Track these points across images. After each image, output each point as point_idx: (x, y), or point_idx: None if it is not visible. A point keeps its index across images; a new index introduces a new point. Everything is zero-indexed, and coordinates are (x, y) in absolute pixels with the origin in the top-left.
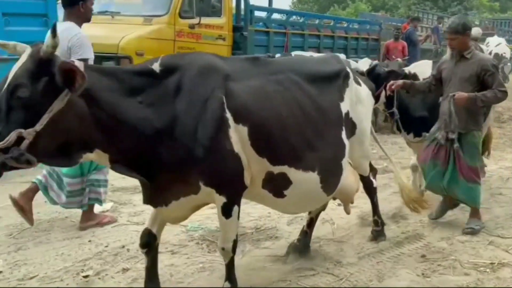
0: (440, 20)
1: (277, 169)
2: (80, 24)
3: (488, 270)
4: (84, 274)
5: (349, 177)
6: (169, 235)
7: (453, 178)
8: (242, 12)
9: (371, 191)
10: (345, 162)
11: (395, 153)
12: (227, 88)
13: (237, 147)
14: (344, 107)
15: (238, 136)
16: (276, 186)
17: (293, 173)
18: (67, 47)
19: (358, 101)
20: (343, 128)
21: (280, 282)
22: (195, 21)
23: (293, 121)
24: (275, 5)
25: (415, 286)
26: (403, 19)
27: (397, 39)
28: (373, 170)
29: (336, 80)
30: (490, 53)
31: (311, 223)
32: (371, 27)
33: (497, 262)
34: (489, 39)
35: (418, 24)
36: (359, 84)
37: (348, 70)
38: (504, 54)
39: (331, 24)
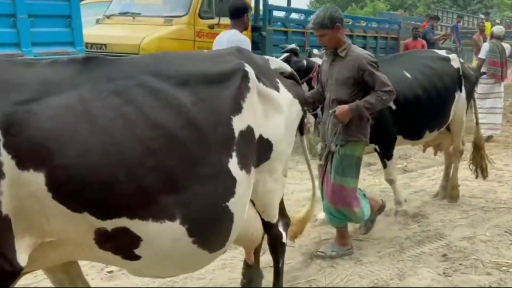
0: (460, 18)
1: (110, 224)
2: (241, 31)
3: (510, 269)
4: (108, 269)
5: (252, 222)
6: None
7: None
8: (261, 12)
9: (276, 248)
10: (238, 202)
11: (414, 153)
12: (10, 116)
13: (7, 208)
14: (241, 121)
15: (20, 190)
16: (120, 246)
17: (140, 226)
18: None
19: (272, 112)
20: (234, 152)
21: (301, 279)
22: (214, 21)
23: (136, 149)
24: (294, 4)
25: (436, 285)
26: (422, 18)
27: (416, 38)
28: (286, 218)
29: (228, 83)
30: None
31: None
32: (390, 26)
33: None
34: None
35: (437, 23)
36: (274, 88)
37: (248, 69)
38: None
39: (350, 23)
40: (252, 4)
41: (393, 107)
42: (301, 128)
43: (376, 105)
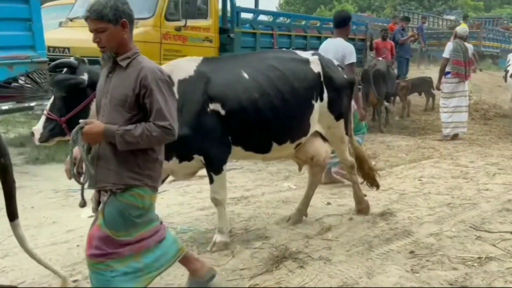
0: (424, 19)
1: None
2: (345, 39)
3: (475, 264)
4: (73, 279)
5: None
6: None
7: None
8: (229, 14)
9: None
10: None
11: (382, 152)
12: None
13: None
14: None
15: None
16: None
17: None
18: (341, 55)
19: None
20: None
21: (271, 281)
22: (181, 23)
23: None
24: (262, 6)
25: (404, 282)
26: (389, 19)
27: (385, 39)
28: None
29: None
30: None
31: None
32: (357, 28)
33: (485, 256)
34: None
35: (407, 24)
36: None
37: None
38: None
39: (318, 25)
40: (220, 6)
41: (221, 112)
42: None
43: (140, 141)
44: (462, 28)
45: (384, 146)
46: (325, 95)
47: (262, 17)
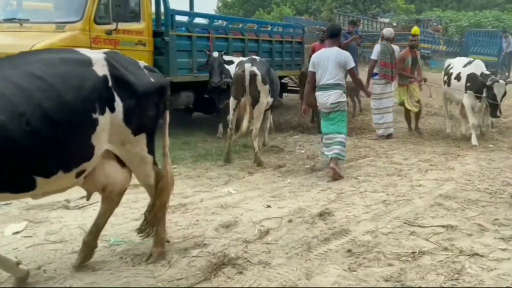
0: (358, 22)
1: None
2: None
3: (409, 259)
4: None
5: None
6: None
7: None
8: (162, 17)
9: None
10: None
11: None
12: None
13: None
14: None
15: None
16: None
17: None
18: (343, 62)
19: None
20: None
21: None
22: (112, 26)
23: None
24: (199, 9)
25: (342, 281)
26: (326, 22)
27: (323, 41)
28: None
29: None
30: (459, 77)
31: None
32: (295, 31)
33: (418, 251)
34: (450, 60)
35: (354, 28)
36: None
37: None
38: (485, 73)
39: (255, 28)
40: (153, 9)
41: None
42: None
43: None
44: (388, 29)
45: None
46: (118, 104)
47: (198, 20)
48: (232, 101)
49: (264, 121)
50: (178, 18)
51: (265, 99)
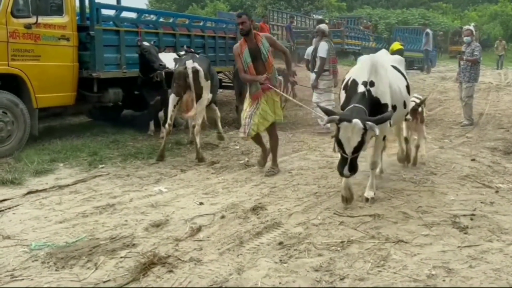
0: (292, 19)
1: None
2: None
3: (339, 248)
4: None
5: None
6: (9, 257)
7: None
8: (87, 10)
9: None
10: None
11: (255, 148)
12: None
13: None
14: None
15: None
16: None
17: None
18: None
19: None
20: None
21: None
22: (31, 20)
23: None
24: (130, 3)
25: (273, 274)
26: (259, 18)
27: None
28: None
29: None
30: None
31: None
32: (228, 26)
33: (347, 240)
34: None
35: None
36: None
37: None
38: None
39: (187, 22)
40: (77, 2)
41: None
42: None
43: None
44: (326, 26)
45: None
46: None
47: (127, 14)
48: (173, 98)
49: (215, 114)
50: (105, 12)
51: (207, 95)
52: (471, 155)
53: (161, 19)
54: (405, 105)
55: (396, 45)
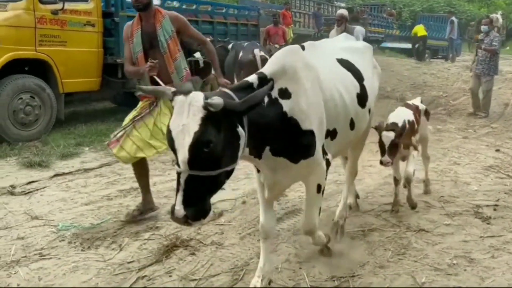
0: (318, 6)
1: None
2: None
3: (359, 235)
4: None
5: None
6: (37, 237)
7: None
8: None
9: None
10: None
11: None
12: None
13: None
14: None
15: None
16: None
17: None
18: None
19: None
20: None
21: (160, 272)
22: (58, 6)
23: None
24: None
25: (292, 259)
26: (281, 5)
27: (277, 24)
28: None
29: None
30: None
31: None
32: (250, 13)
33: (367, 228)
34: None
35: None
36: None
37: None
38: None
39: (209, 9)
40: None
41: None
42: None
43: None
44: (343, 10)
45: None
46: None
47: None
48: None
49: None
50: None
51: None
52: (495, 146)
53: (184, 6)
54: (353, 125)
55: (420, 29)
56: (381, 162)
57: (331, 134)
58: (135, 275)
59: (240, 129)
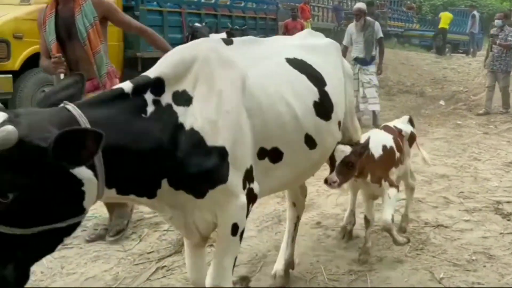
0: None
1: None
2: None
3: (377, 230)
4: None
5: None
6: None
7: None
8: None
9: None
10: None
11: None
12: None
13: None
14: None
15: None
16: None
17: None
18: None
19: None
20: None
21: (178, 261)
22: None
23: None
24: None
25: (311, 252)
26: None
27: (295, 18)
28: None
29: None
30: None
31: None
32: (268, 7)
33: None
34: None
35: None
36: None
37: None
38: None
39: (228, 3)
40: None
41: None
42: None
43: None
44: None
45: None
46: None
47: None
48: None
49: None
50: None
51: None
52: None
53: (203, 0)
54: (312, 143)
55: (444, 18)
56: (326, 181)
57: (270, 155)
58: (155, 265)
59: (81, 169)
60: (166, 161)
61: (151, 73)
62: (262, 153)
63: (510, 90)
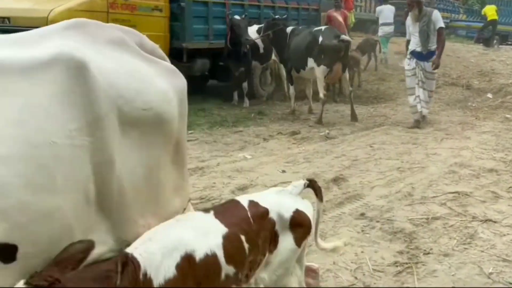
0: None
1: None
2: None
3: (422, 223)
4: None
5: None
6: None
7: None
8: None
9: None
10: None
11: (336, 120)
12: None
13: None
14: None
15: None
16: None
17: None
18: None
19: None
20: None
21: None
22: None
23: None
24: None
25: (354, 242)
26: None
27: (338, 8)
28: None
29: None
30: None
31: None
32: None
33: (431, 216)
34: None
35: None
36: None
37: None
38: None
39: None
40: None
41: None
42: None
43: None
44: None
45: (338, 115)
46: None
47: None
48: (323, 70)
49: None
50: None
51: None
52: None
53: None
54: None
55: (491, 11)
56: None
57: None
58: None
59: None
60: None
61: None
62: None
63: None
